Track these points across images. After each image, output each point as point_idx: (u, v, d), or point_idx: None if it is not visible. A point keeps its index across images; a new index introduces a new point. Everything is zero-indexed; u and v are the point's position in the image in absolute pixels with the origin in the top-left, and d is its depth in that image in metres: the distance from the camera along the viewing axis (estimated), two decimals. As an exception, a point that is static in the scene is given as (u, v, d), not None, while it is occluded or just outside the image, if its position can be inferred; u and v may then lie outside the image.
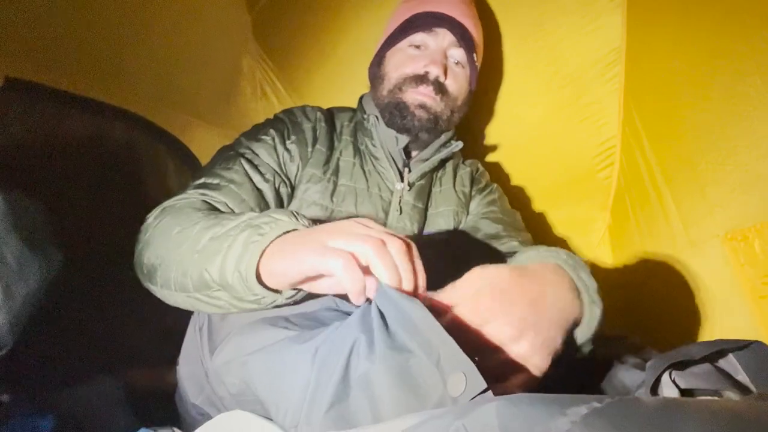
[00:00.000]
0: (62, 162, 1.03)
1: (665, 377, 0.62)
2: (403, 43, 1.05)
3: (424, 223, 1.04)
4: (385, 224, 0.98)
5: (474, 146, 1.40)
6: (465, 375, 0.41)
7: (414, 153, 1.06)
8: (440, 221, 1.05)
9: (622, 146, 1.27)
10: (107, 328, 0.97)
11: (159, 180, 1.29)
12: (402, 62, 1.03)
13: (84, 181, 1.09)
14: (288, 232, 0.62)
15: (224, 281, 0.63)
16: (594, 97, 1.27)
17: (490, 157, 1.40)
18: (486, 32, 1.29)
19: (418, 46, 1.03)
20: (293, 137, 0.99)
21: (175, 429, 0.84)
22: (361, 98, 1.12)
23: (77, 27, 1.04)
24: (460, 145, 1.06)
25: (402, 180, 1.02)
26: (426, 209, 1.05)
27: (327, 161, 1.00)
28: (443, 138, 1.07)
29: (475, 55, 1.06)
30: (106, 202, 1.13)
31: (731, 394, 0.58)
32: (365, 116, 1.06)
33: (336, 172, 1.00)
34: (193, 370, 0.80)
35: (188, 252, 0.68)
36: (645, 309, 1.17)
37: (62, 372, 0.84)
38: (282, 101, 1.56)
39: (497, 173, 1.40)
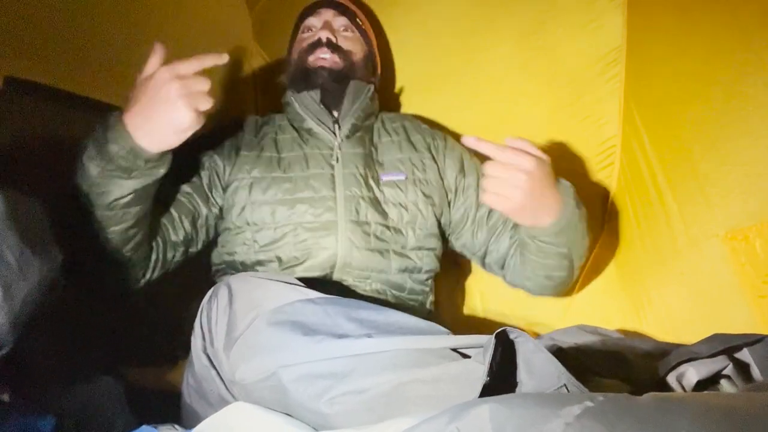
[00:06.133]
0: (62, 162, 1.04)
1: (670, 378, 0.62)
2: (299, 34, 1.24)
3: (374, 167, 1.15)
4: (332, 175, 1.09)
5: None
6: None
7: (335, 113, 1.17)
8: (398, 166, 1.16)
9: (622, 145, 1.26)
10: (107, 327, 0.97)
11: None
12: (299, 43, 1.23)
13: (84, 181, 1.09)
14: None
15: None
16: (594, 97, 1.26)
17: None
18: (486, 31, 1.29)
19: (310, 29, 1.22)
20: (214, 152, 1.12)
21: (176, 426, 0.84)
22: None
23: (77, 27, 1.05)
24: (371, 88, 1.20)
25: (336, 136, 1.14)
26: (371, 155, 1.16)
27: (259, 140, 1.15)
28: (355, 89, 1.17)
29: (358, 20, 1.26)
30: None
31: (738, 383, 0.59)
32: (284, 97, 1.21)
33: (274, 147, 1.13)
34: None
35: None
36: (645, 309, 1.17)
37: (62, 372, 0.84)
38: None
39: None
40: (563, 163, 1.33)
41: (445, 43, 1.36)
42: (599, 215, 1.33)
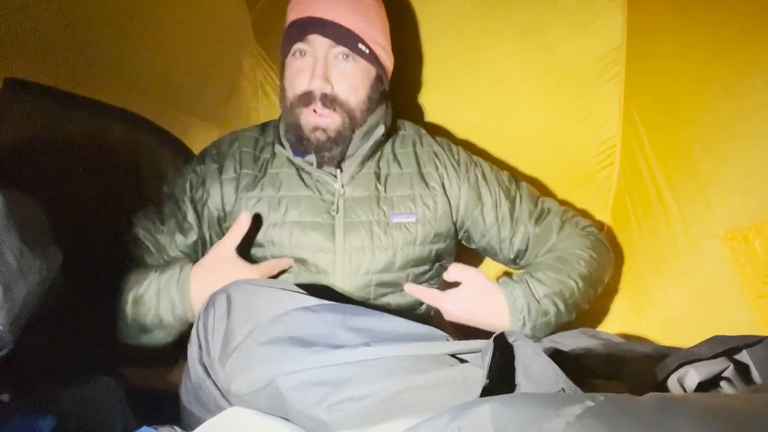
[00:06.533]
0: (62, 162, 1.04)
1: (672, 380, 0.62)
2: (289, 56, 1.05)
3: (381, 207, 1.07)
4: (332, 226, 1.04)
5: (473, 146, 1.40)
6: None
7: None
8: (409, 206, 1.08)
9: (622, 146, 1.26)
10: (107, 328, 0.97)
11: (159, 180, 1.29)
12: (291, 78, 1.04)
13: (84, 181, 1.09)
14: None
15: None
16: (594, 97, 1.26)
17: (490, 157, 1.40)
18: (486, 31, 1.29)
19: (303, 53, 1.02)
20: (207, 180, 1.08)
21: (176, 428, 0.84)
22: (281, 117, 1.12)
23: (77, 27, 1.04)
24: (381, 131, 1.08)
25: (337, 179, 1.07)
26: (378, 196, 1.07)
27: (258, 178, 1.07)
28: (362, 135, 1.06)
29: (361, 45, 1.01)
30: (106, 202, 1.13)
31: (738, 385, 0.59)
32: (275, 141, 1.10)
33: (272, 185, 1.06)
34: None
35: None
36: (645, 309, 1.17)
37: (62, 372, 0.84)
38: (282, 101, 1.56)
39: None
40: (563, 163, 1.34)
41: (445, 43, 1.35)
42: (599, 215, 1.33)
